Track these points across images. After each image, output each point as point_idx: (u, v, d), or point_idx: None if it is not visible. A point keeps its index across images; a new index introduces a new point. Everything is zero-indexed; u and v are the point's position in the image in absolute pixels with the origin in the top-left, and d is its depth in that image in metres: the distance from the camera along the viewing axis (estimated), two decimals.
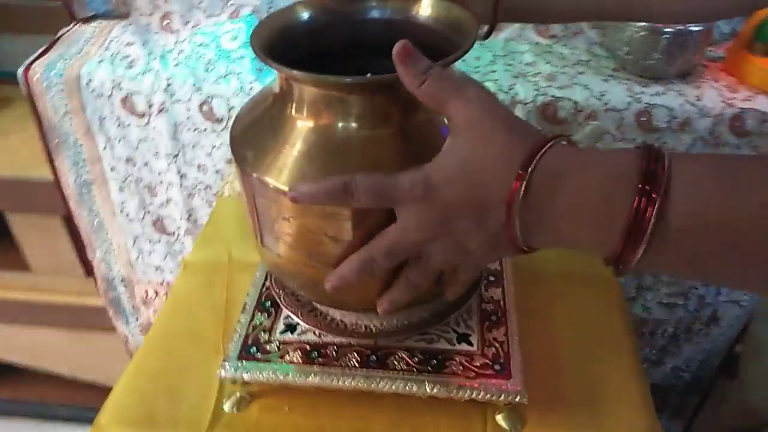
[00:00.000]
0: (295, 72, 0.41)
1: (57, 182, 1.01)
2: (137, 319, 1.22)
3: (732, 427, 0.87)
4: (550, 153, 0.34)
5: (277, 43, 0.45)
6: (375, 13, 0.50)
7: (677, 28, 0.83)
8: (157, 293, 1.15)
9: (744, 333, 1.05)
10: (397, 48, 0.38)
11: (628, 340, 0.61)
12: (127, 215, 1.05)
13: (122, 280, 1.15)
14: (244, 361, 0.52)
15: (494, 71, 0.91)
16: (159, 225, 1.06)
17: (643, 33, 0.85)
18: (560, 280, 0.65)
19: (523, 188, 0.33)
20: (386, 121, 0.43)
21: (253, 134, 0.46)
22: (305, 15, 0.48)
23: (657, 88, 0.86)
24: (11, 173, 1.09)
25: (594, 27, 0.97)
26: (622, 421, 0.52)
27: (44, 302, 1.25)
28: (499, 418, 0.52)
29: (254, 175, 0.45)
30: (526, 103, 0.86)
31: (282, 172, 0.43)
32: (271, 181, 0.44)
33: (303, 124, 0.44)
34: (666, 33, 0.83)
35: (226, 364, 0.52)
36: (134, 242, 1.08)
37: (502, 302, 0.56)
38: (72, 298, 1.25)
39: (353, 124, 0.43)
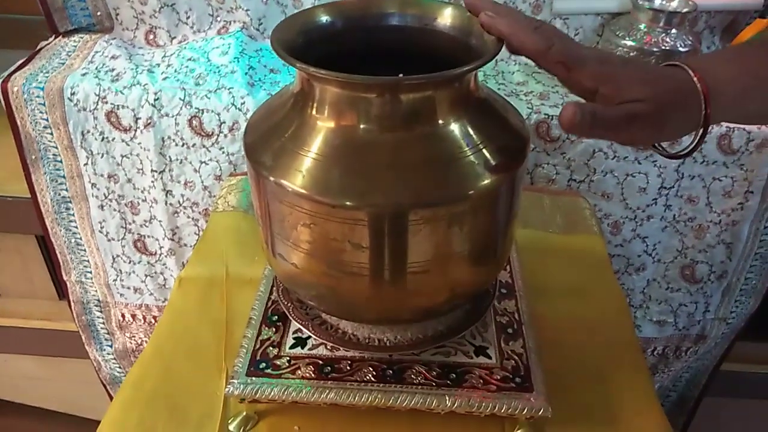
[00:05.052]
0: (321, 71, 0.39)
1: (34, 199, 0.97)
2: (111, 345, 1.16)
3: None
4: None
5: (296, 45, 0.44)
6: (393, 20, 0.49)
7: (665, 49, 0.86)
8: (134, 317, 1.11)
9: (730, 351, 1.06)
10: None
11: (636, 351, 0.60)
12: (107, 234, 1.01)
13: (98, 303, 1.10)
14: (253, 377, 0.50)
15: None
16: (140, 244, 1.02)
17: (633, 54, 0.87)
18: (567, 293, 0.64)
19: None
20: (409, 124, 0.42)
21: (271, 137, 0.45)
22: (323, 19, 0.48)
23: None
24: None
25: None
26: None
27: (12, 326, 1.19)
28: None
29: (271, 179, 0.43)
30: None
31: (302, 175, 0.42)
32: (290, 185, 0.42)
33: (324, 126, 0.43)
34: (655, 53, 0.85)
35: (235, 381, 0.50)
36: (113, 262, 1.04)
37: (516, 314, 0.55)
38: (42, 322, 1.19)
39: (375, 126, 0.42)
